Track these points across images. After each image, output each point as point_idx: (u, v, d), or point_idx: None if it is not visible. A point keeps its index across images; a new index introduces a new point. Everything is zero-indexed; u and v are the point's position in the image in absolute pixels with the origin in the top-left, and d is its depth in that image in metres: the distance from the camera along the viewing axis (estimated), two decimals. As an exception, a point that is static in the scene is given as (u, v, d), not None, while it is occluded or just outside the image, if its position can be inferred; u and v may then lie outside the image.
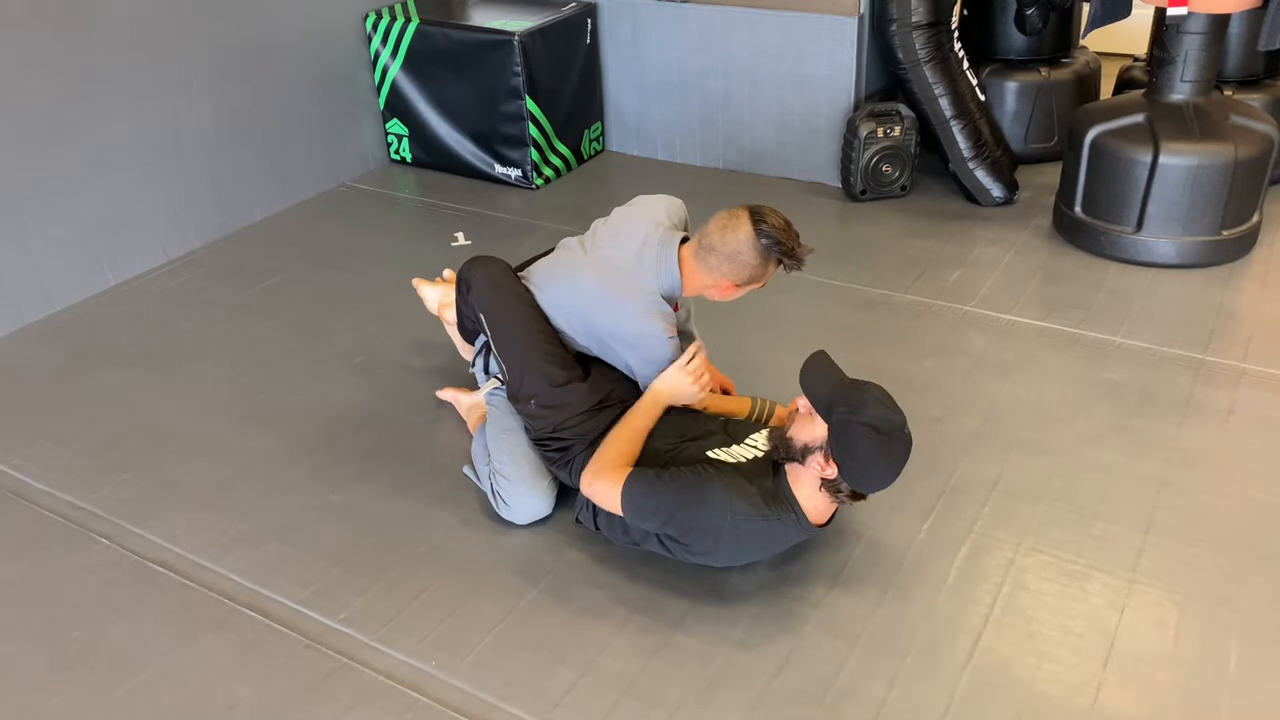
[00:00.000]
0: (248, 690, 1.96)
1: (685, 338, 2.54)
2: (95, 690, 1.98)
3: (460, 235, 3.77)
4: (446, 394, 2.77)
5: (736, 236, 2.15)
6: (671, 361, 2.26)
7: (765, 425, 2.40)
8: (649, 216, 2.33)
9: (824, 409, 1.95)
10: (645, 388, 2.29)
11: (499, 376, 2.42)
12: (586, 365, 2.35)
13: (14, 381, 3.00)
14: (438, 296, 2.78)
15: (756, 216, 2.15)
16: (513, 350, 2.32)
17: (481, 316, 2.36)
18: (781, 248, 2.15)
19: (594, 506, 2.20)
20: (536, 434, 2.33)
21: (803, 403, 2.02)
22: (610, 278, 2.26)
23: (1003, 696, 1.88)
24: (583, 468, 2.24)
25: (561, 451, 2.30)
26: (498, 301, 2.33)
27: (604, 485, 2.06)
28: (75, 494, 2.52)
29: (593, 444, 2.24)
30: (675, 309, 2.33)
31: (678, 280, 2.24)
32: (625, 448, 2.13)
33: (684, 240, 2.28)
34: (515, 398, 2.34)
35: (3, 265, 3.20)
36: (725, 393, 2.55)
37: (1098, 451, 2.50)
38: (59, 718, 1.93)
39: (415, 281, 2.84)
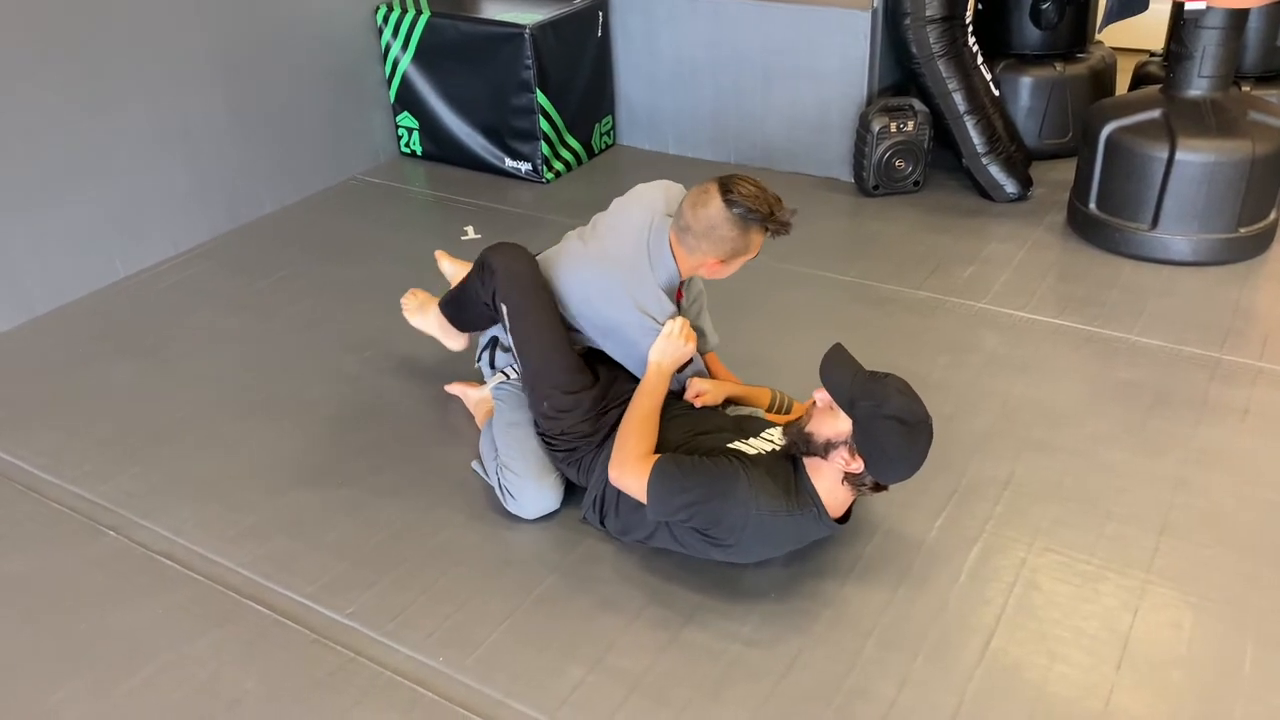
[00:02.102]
0: (254, 684, 1.96)
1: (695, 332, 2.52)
2: (101, 683, 1.98)
3: (470, 229, 3.76)
4: (455, 388, 2.75)
5: (708, 212, 2.10)
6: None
7: (780, 414, 2.39)
8: (647, 205, 2.28)
9: (846, 403, 1.92)
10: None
11: (505, 371, 2.40)
12: (595, 369, 2.32)
13: (23, 373, 3.00)
14: (456, 274, 2.75)
15: (725, 187, 2.09)
16: (534, 352, 2.27)
17: (504, 308, 2.29)
18: (756, 214, 2.08)
19: (600, 505, 2.19)
20: (544, 432, 2.32)
21: (821, 396, 1.98)
22: (610, 268, 2.23)
23: (1014, 698, 1.86)
24: (591, 468, 2.24)
25: (569, 452, 2.29)
26: (524, 300, 2.26)
27: (631, 478, 2.04)
28: (83, 486, 2.52)
29: (600, 445, 2.23)
30: (679, 296, 2.30)
31: (674, 268, 2.21)
32: (645, 433, 2.10)
33: None
34: (529, 390, 2.31)
35: (13, 257, 3.20)
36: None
37: (1111, 451, 2.48)
38: (65, 710, 1.92)
39: (439, 254, 2.81)
